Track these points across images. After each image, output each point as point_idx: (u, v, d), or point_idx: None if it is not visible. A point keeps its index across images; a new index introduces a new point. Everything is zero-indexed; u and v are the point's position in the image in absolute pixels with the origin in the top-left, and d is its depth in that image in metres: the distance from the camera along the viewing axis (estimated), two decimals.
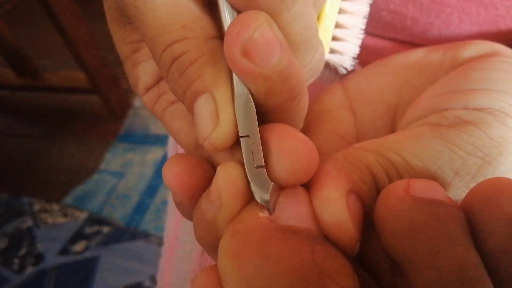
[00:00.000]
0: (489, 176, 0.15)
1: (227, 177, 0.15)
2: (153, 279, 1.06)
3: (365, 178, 0.15)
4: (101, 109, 1.49)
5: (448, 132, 0.16)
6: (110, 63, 1.37)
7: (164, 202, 1.20)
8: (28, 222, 1.24)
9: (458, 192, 0.16)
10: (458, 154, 0.15)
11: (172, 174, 0.17)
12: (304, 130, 0.23)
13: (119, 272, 1.09)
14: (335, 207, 0.13)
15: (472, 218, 0.13)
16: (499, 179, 0.13)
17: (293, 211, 0.14)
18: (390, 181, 0.15)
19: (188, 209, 0.17)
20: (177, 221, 0.39)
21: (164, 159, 1.32)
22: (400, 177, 0.15)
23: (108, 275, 1.09)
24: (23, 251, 1.18)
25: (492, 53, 0.19)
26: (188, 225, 0.36)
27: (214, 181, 0.15)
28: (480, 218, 0.13)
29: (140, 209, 1.20)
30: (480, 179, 0.15)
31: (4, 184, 1.37)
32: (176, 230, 0.38)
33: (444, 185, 0.15)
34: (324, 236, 0.14)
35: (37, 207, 1.27)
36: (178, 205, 0.18)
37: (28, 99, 1.63)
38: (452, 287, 0.11)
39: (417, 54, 0.22)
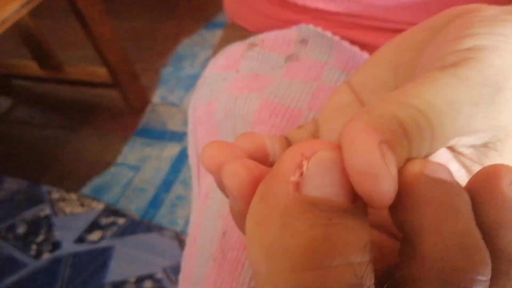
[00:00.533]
0: (503, 103, 0.17)
1: (231, 171, 0.16)
2: (165, 271, 1.09)
3: (393, 127, 0.14)
4: (121, 104, 1.53)
5: (456, 70, 0.16)
6: (130, 59, 1.41)
7: (179, 197, 1.24)
8: (47, 210, 1.28)
9: (479, 123, 0.16)
10: (474, 88, 0.16)
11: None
12: (324, 126, 0.25)
13: (133, 263, 1.12)
14: (369, 156, 0.13)
15: (474, 198, 0.15)
16: (499, 166, 0.15)
17: (318, 181, 0.14)
18: (418, 127, 0.15)
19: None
20: (199, 212, 0.41)
21: (180, 155, 1.35)
22: (427, 119, 0.15)
23: (122, 265, 1.12)
24: (40, 237, 1.22)
25: (462, 14, 0.20)
26: (210, 213, 0.38)
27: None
28: (481, 197, 0.15)
29: (155, 203, 1.24)
30: (495, 106, 0.16)
31: (24, 172, 1.41)
32: (198, 220, 0.40)
33: (468, 118, 0.16)
34: (347, 208, 0.14)
35: (55, 196, 1.32)
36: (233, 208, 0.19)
37: (50, 91, 1.68)
38: (453, 251, 0.13)
39: (401, 37, 0.23)
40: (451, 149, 0.20)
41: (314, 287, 0.12)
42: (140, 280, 1.09)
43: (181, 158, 1.35)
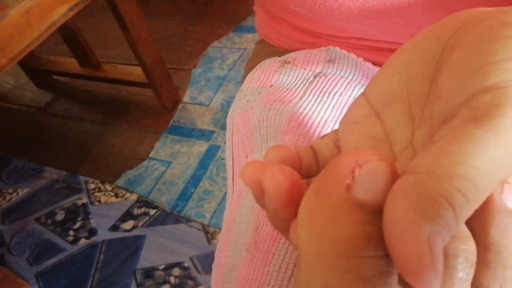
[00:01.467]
0: None
1: (270, 174, 0.19)
2: (192, 261, 1.16)
3: (443, 212, 0.14)
4: (154, 102, 1.60)
5: (490, 124, 0.16)
6: (163, 60, 1.48)
7: (206, 192, 1.30)
8: (84, 199, 1.37)
9: None
10: (509, 137, 0.15)
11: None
12: (343, 139, 0.26)
13: (162, 251, 1.19)
14: (419, 258, 0.14)
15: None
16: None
17: (367, 187, 0.15)
18: (467, 198, 0.15)
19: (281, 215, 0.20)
20: (233, 209, 0.45)
21: (208, 152, 1.41)
22: (476, 187, 0.15)
23: (152, 253, 1.19)
24: (77, 224, 1.31)
25: (468, 21, 0.20)
26: (244, 210, 0.42)
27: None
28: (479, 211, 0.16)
29: (184, 196, 1.30)
30: None
31: (63, 163, 1.50)
32: (233, 215, 0.44)
33: (505, 169, 0.16)
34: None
35: (91, 186, 1.40)
36: (272, 212, 0.21)
37: (88, 87, 1.76)
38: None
39: (407, 47, 0.23)
40: None
41: (352, 271, 0.15)
42: (168, 267, 1.15)
43: (209, 155, 1.41)
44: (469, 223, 0.17)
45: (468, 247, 0.16)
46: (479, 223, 0.17)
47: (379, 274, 0.15)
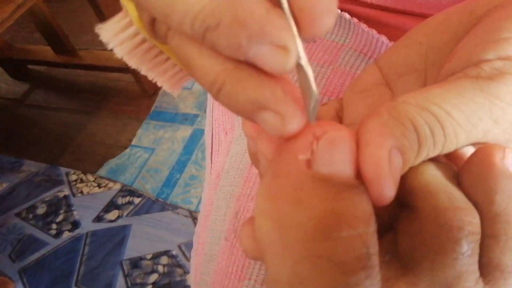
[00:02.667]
0: None
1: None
2: (180, 248, 1.13)
3: (407, 133, 0.15)
4: (134, 88, 1.56)
5: (488, 84, 0.16)
6: None
7: (192, 177, 1.27)
8: (65, 191, 1.33)
9: (496, 137, 0.17)
10: (498, 106, 0.16)
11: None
12: (347, 108, 0.25)
13: (149, 240, 1.16)
14: (378, 164, 0.15)
15: (472, 173, 0.17)
16: (492, 144, 0.17)
17: (328, 158, 0.15)
18: (432, 133, 0.16)
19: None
20: (211, 191, 0.43)
21: (192, 136, 1.38)
22: (442, 128, 0.16)
23: (138, 242, 1.17)
24: (60, 217, 1.27)
25: (505, 2, 0.20)
26: (222, 193, 0.39)
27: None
28: (478, 171, 0.16)
29: (169, 182, 1.27)
30: None
31: (42, 155, 1.45)
32: (210, 198, 0.42)
33: (484, 132, 0.16)
34: (353, 184, 0.15)
35: (73, 177, 1.36)
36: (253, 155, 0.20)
37: (65, 75, 1.71)
38: (440, 199, 0.15)
39: (435, 19, 0.22)
40: None
41: (326, 256, 0.13)
42: (156, 256, 1.13)
43: (193, 139, 1.37)
44: (472, 194, 0.16)
45: (472, 219, 0.15)
46: (482, 191, 0.16)
47: (357, 257, 0.14)
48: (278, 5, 0.14)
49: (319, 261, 0.13)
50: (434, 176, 0.16)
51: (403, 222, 0.17)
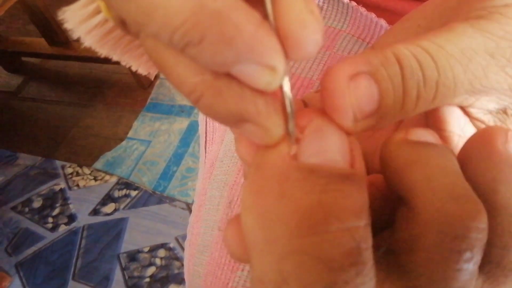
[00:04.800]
0: None
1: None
2: (177, 241, 1.12)
3: (387, 64, 0.14)
4: (130, 79, 1.54)
5: (478, 22, 0.16)
6: None
7: (189, 170, 1.26)
8: (61, 184, 1.32)
9: (497, 78, 0.16)
10: (491, 38, 0.16)
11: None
12: None
13: (146, 233, 1.15)
14: (334, 82, 0.14)
15: (471, 158, 0.15)
16: (493, 126, 0.15)
17: (315, 148, 0.14)
18: (422, 69, 0.15)
19: None
20: (205, 180, 0.42)
21: (189, 128, 1.37)
22: (435, 62, 0.15)
23: (135, 235, 1.16)
24: (56, 211, 1.26)
25: None
26: (216, 182, 0.39)
27: None
28: (478, 157, 0.15)
29: (166, 175, 1.26)
30: None
31: (38, 148, 1.44)
32: (204, 188, 0.41)
33: (482, 68, 0.16)
34: (345, 173, 0.14)
35: (69, 170, 1.35)
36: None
37: (60, 68, 1.69)
38: (445, 202, 0.13)
39: (433, 1, 0.22)
40: (468, 114, 0.19)
41: (311, 253, 0.12)
42: (153, 249, 1.12)
43: (190, 131, 1.36)
44: (473, 183, 0.14)
45: (480, 224, 0.13)
46: (485, 181, 0.14)
47: (346, 252, 0.12)
48: (265, 16, 0.14)
49: (304, 258, 0.12)
50: (437, 168, 0.14)
51: (401, 219, 0.15)
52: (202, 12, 0.12)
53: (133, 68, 0.23)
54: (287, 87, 0.14)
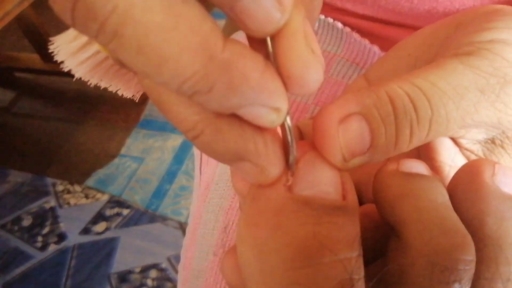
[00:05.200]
0: (511, 94, 0.17)
1: None
2: (170, 261, 1.10)
3: (380, 104, 0.15)
4: (123, 96, 1.54)
5: (467, 58, 0.16)
6: None
7: (182, 188, 1.24)
8: (52, 202, 1.29)
9: (487, 113, 0.16)
10: (481, 75, 0.16)
11: None
12: None
13: (138, 253, 1.13)
14: (325, 123, 0.14)
15: (459, 191, 0.16)
16: (480, 159, 0.16)
17: (309, 180, 0.14)
18: (415, 108, 0.15)
19: None
20: (200, 203, 0.41)
21: (182, 146, 1.36)
22: (428, 101, 0.15)
23: (127, 255, 1.13)
24: (46, 229, 1.23)
25: (492, 11, 0.20)
26: (211, 206, 0.38)
27: None
28: (465, 190, 0.15)
29: (159, 193, 1.24)
30: (503, 97, 0.16)
31: (28, 164, 1.42)
32: (199, 211, 0.41)
33: (474, 104, 0.16)
34: (338, 205, 0.14)
35: (60, 188, 1.32)
36: None
37: (53, 83, 1.68)
38: (435, 235, 0.14)
39: (423, 31, 0.23)
40: (458, 144, 0.20)
41: (306, 284, 0.13)
42: (145, 270, 1.10)
43: (184, 149, 1.35)
44: (462, 214, 0.15)
45: (468, 257, 0.14)
46: (472, 213, 0.15)
47: (339, 284, 0.13)
48: (268, 56, 0.14)
49: None
50: (428, 201, 0.15)
51: (393, 249, 0.15)
52: (211, 63, 0.12)
53: (120, 92, 0.23)
54: (289, 123, 0.15)
